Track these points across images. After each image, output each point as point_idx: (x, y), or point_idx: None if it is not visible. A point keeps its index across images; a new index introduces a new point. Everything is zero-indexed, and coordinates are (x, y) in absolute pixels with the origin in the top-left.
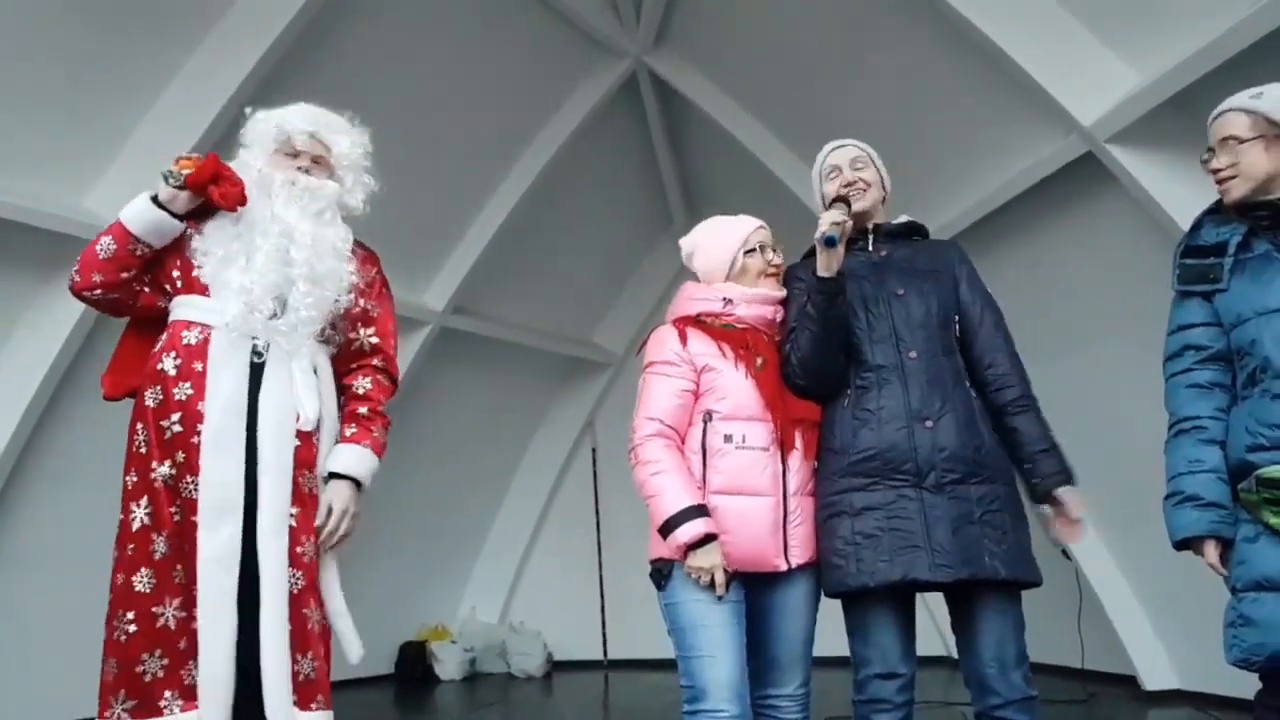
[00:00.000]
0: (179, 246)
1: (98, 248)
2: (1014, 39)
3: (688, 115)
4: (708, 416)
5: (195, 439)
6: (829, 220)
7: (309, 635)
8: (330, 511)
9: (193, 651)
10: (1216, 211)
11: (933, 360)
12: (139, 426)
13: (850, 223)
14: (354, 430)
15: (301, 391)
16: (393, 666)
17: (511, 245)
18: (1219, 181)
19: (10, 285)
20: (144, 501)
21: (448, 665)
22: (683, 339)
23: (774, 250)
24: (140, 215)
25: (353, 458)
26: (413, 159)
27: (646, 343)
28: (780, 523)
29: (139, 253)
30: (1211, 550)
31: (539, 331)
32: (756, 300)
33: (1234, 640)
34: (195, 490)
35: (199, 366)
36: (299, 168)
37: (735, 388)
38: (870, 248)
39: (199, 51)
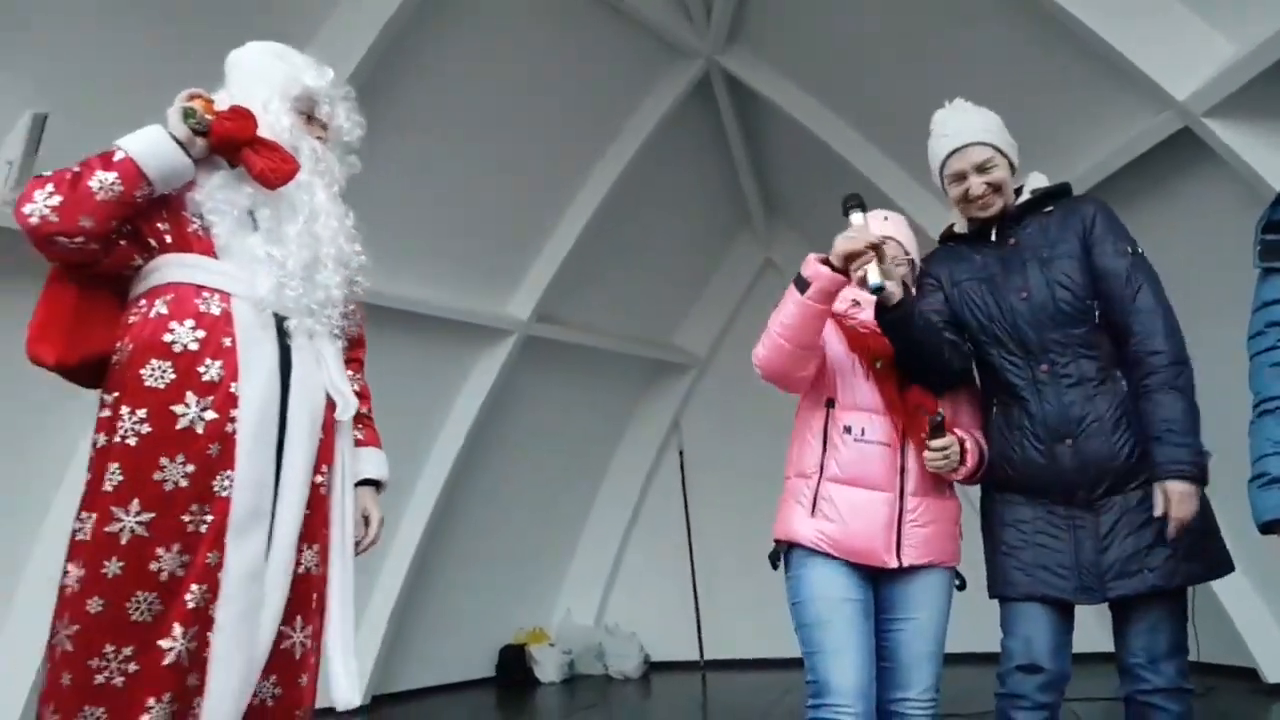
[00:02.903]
0: (165, 196)
1: (93, 184)
2: (1101, 14)
3: (762, 112)
4: (830, 404)
5: (230, 428)
6: (869, 275)
7: (289, 661)
8: (368, 522)
9: (201, 690)
10: None
11: (1069, 365)
12: (130, 412)
13: (889, 266)
14: (365, 431)
15: (337, 377)
16: (493, 670)
17: (592, 252)
18: None
19: None
20: (135, 506)
21: (547, 668)
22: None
23: (894, 264)
24: (160, 156)
25: (380, 461)
26: (492, 172)
27: None
28: (895, 520)
29: (140, 197)
30: None
31: (622, 336)
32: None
33: None
34: (231, 489)
35: (227, 341)
36: (317, 136)
37: (855, 384)
38: (995, 238)
39: None
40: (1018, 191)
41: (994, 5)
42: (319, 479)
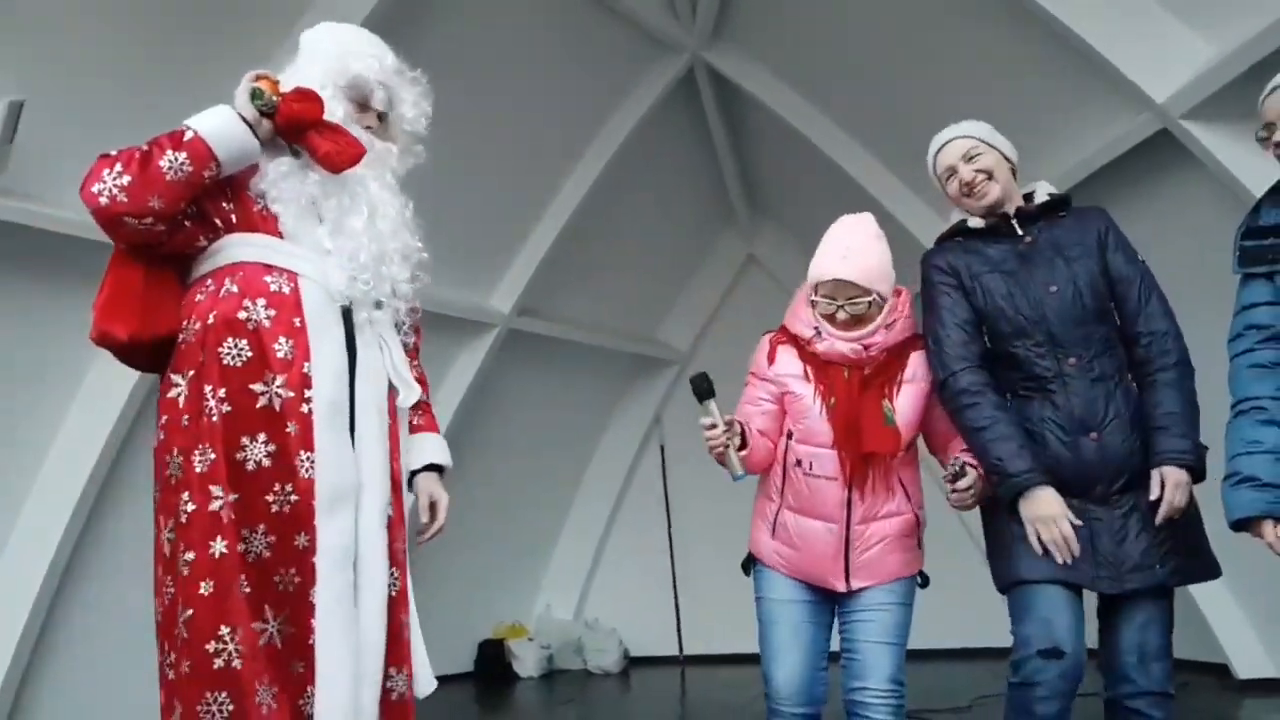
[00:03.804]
0: (229, 176)
1: (163, 164)
2: (1081, 16)
3: (747, 108)
4: (789, 434)
5: (306, 408)
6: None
7: (404, 647)
8: (433, 506)
9: (310, 677)
10: (1277, 191)
11: (1093, 361)
12: (213, 391)
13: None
14: (423, 417)
15: (400, 363)
16: (472, 664)
17: (575, 245)
18: None
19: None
20: (221, 488)
21: (526, 662)
22: (772, 357)
23: (850, 303)
24: (230, 137)
25: (441, 447)
26: (475, 164)
27: None
28: (842, 549)
29: (209, 178)
30: (1270, 530)
31: (604, 330)
32: (837, 340)
33: None
34: (313, 469)
35: (297, 322)
36: (367, 126)
37: (811, 416)
38: (1016, 232)
39: (269, 67)
40: (1029, 197)
41: (977, 5)
42: (395, 464)
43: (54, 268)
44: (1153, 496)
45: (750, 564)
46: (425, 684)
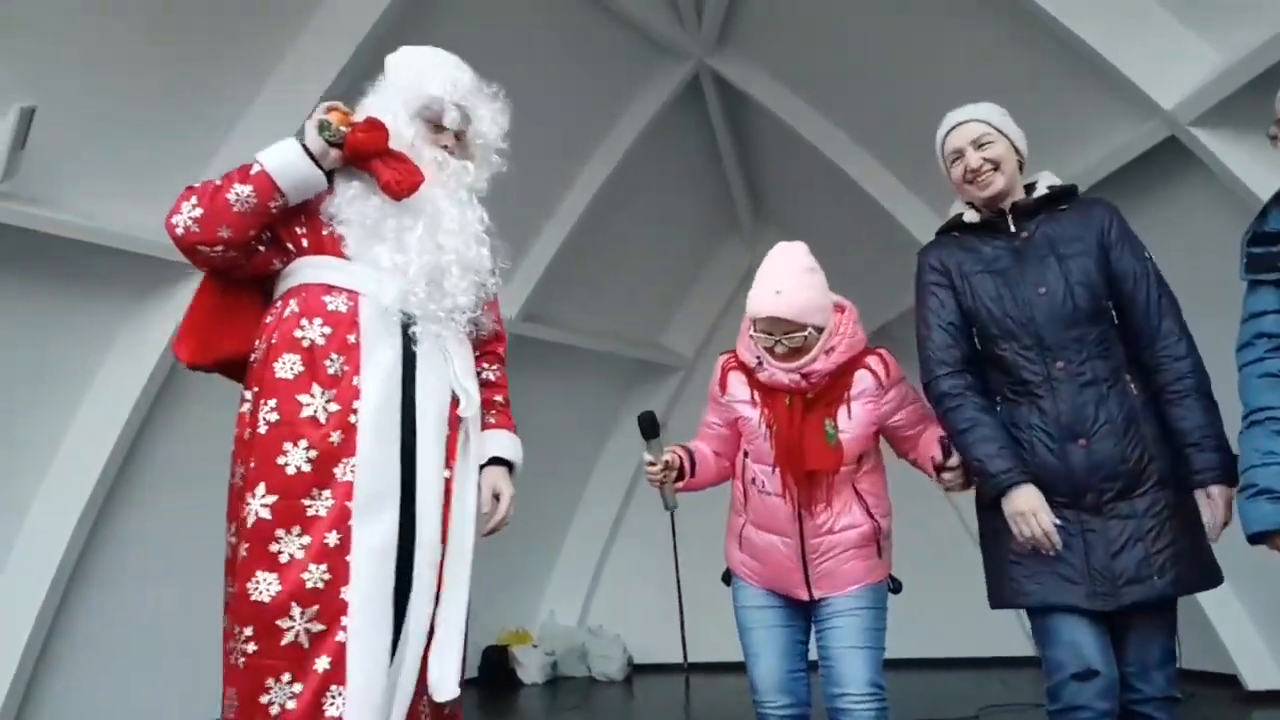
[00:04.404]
0: (304, 201)
1: (230, 197)
2: (1088, 22)
3: (751, 115)
4: (745, 454)
5: (353, 418)
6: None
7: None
8: (497, 498)
9: (338, 675)
10: None
11: (1084, 364)
12: (264, 403)
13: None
14: (497, 416)
15: (463, 376)
16: (476, 671)
17: (580, 252)
18: None
19: (105, 308)
20: (261, 490)
21: (530, 669)
22: (723, 383)
23: (786, 337)
24: (293, 169)
25: (510, 443)
26: None
27: None
28: (799, 561)
29: (275, 208)
30: None
31: (609, 337)
32: (777, 370)
33: None
34: (352, 473)
35: (351, 338)
36: (444, 145)
37: (759, 437)
38: (1012, 228)
39: (277, 73)
40: (1030, 189)
41: (982, 10)
42: (447, 474)
43: (64, 272)
44: (1205, 520)
45: (729, 576)
46: (448, 686)
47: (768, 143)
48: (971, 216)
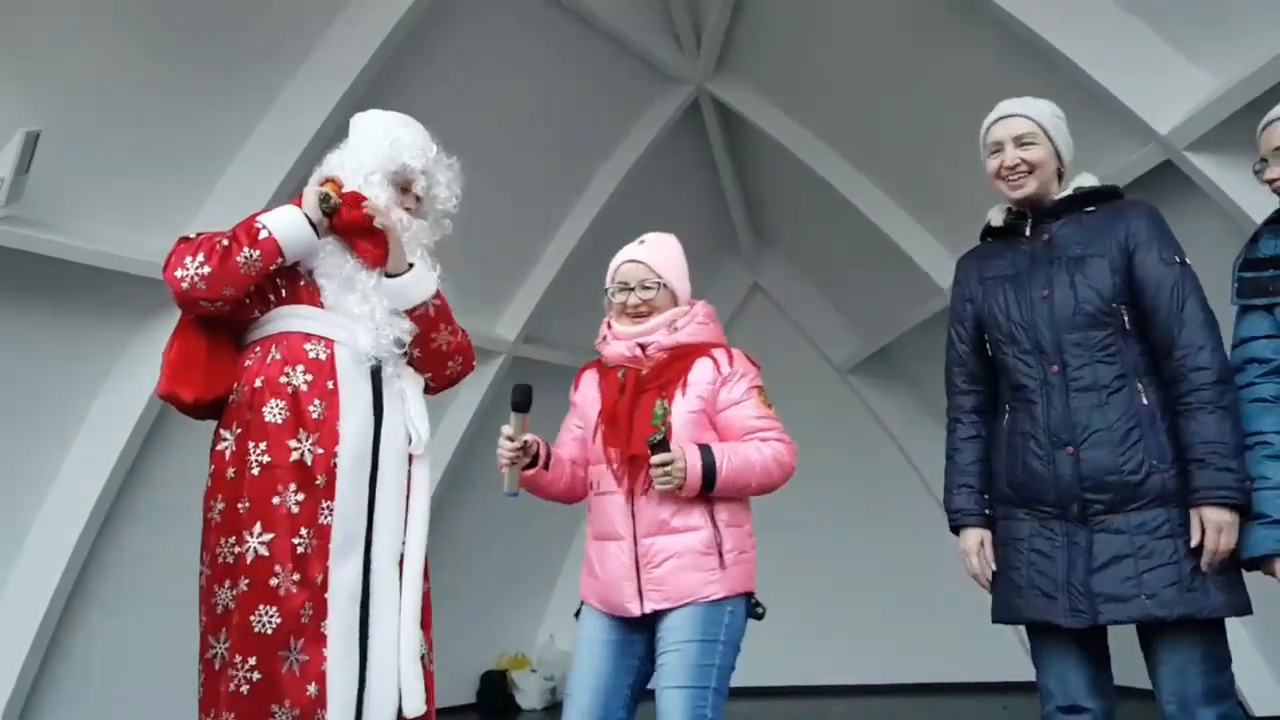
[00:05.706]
0: None
1: (239, 260)
2: (1081, 47)
3: (751, 139)
4: (587, 462)
5: (334, 462)
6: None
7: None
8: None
9: (322, 701)
10: (1276, 222)
11: (1083, 370)
12: (254, 445)
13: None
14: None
15: (414, 413)
16: (474, 696)
17: (580, 274)
18: (1278, 193)
19: (106, 331)
20: (258, 529)
21: (529, 694)
22: (577, 383)
23: (642, 288)
24: (299, 237)
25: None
26: (481, 193)
27: None
28: (633, 566)
29: (273, 269)
30: None
31: None
32: (615, 341)
33: None
34: (331, 516)
35: (330, 384)
36: (407, 207)
37: (592, 437)
38: (1029, 233)
39: (278, 102)
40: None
41: (979, 37)
42: (406, 507)
43: (67, 296)
44: (1194, 543)
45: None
46: (414, 703)
47: (768, 167)
48: (996, 220)
